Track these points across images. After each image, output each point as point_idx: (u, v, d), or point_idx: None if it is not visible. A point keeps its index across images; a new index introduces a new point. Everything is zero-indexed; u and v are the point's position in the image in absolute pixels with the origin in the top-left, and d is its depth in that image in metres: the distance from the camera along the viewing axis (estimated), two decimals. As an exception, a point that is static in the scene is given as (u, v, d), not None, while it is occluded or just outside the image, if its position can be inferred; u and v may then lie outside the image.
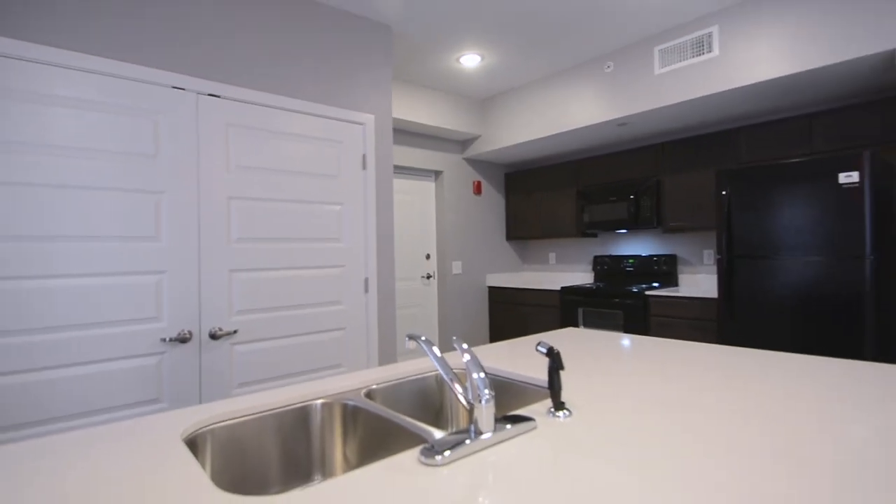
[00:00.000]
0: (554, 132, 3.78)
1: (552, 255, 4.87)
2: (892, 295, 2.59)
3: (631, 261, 4.08)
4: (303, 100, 2.42)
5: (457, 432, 0.83)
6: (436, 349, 0.97)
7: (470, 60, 3.50)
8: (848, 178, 2.44)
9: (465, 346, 0.92)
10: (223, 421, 0.99)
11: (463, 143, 4.61)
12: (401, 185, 4.30)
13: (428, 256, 4.47)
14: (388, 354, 2.75)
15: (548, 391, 1.16)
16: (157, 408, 1.88)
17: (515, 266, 5.11)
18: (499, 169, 4.99)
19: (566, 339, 1.73)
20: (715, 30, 2.88)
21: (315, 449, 1.10)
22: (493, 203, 4.92)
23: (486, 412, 0.82)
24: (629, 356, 1.44)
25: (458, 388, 0.92)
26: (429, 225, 4.50)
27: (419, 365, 1.38)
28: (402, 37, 3.12)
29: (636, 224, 3.78)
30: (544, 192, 4.58)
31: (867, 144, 2.78)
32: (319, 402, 1.11)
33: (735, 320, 2.86)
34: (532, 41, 3.23)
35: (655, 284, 3.82)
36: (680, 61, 3.04)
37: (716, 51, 2.87)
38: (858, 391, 1.06)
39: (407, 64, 3.55)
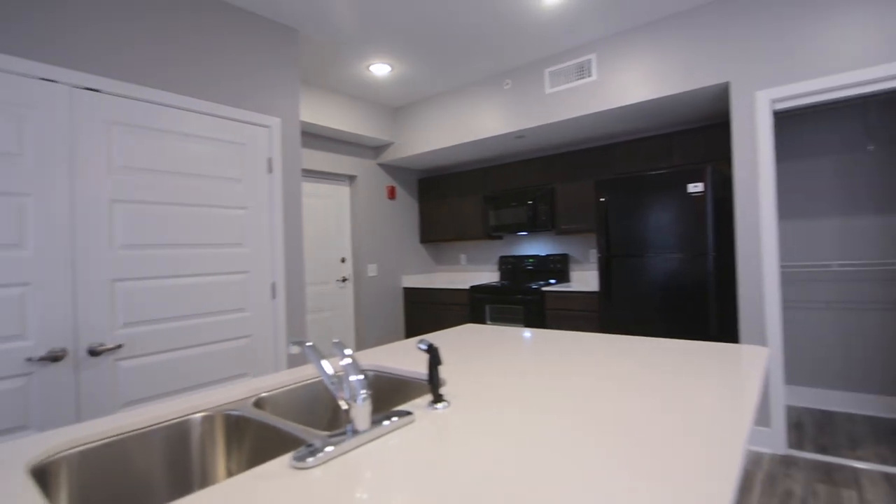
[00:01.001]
0: (462, 141, 3.88)
1: (463, 257, 4.98)
2: (728, 285, 2.99)
3: (531, 260, 4.30)
4: (201, 99, 2.24)
5: (333, 434, 0.81)
6: (325, 362, 0.94)
7: (380, 69, 3.47)
8: (695, 188, 2.78)
9: (347, 350, 0.90)
10: (82, 445, 0.88)
11: (377, 149, 4.56)
12: (315, 189, 4.15)
13: (343, 260, 4.36)
14: (298, 360, 2.63)
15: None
16: (22, 436, 1.63)
17: (429, 267, 5.16)
18: (412, 174, 5.01)
19: (464, 335, 1.77)
20: (594, 57, 3.13)
21: (195, 466, 1.02)
22: (408, 207, 4.92)
23: (362, 411, 0.82)
24: (515, 348, 1.52)
25: (336, 387, 0.90)
26: (344, 228, 4.39)
27: (314, 370, 1.34)
28: (310, 41, 3.02)
29: (534, 227, 3.99)
30: (455, 197, 4.68)
31: (712, 160, 3.19)
32: (199, 415, 1.03)
33: (612, 309, 3.13)
34: (438, 56, 3.29)
35: (552, 281, 4.07)
36: (566, 83, 3.26)
37: (594, 76, 3.13)
38: (669, 361, 1.21)
39: (319, 69, 3.44)
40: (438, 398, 0.98)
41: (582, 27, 2.94)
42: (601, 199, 3.17)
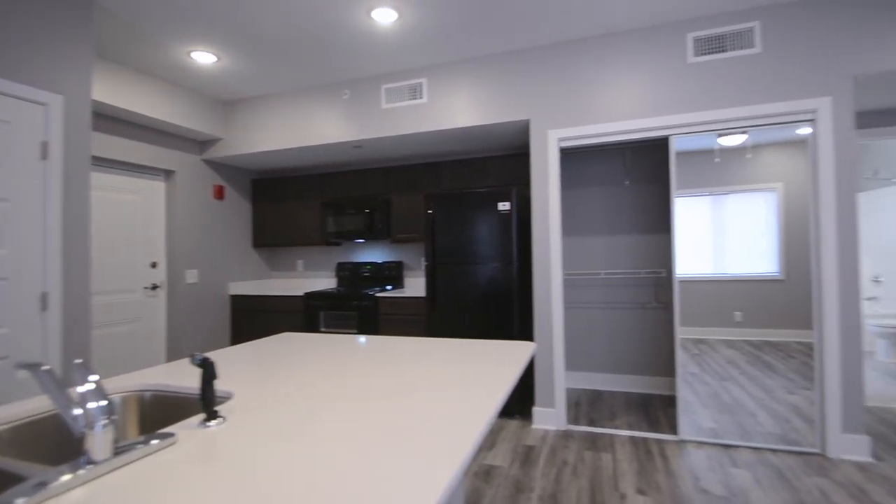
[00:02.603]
0: (300, 145, 3.73)
1: (300, 263, 4.77)
2: (527, 289, 3.49)
3: (368, 267, 4.35)
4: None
5: (62, 467, 0.71)
6: (88, 386, 0.81)
7: (203, 57, 3.13)
8: (503, 206, 3.19)
9: (93, 376, 0.79)
10: None
11: (203, 143, 4.08)
12: (120, 182, 3.51)
13: (154, 265, 3.78)
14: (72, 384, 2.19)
15: (223, 400, 1.12)
16: None
17: (263, 273, 4.80)
18: (245, 175, 4.62)
19: (275, 344, 1.71)
20: (425, 81, 3.34)
21: None
22: (238, 209, 4.51)
23: (100, 439, 0.73)
24: (323, 355, 1.52)
25: (72, 415, 0.79)
26: (157, 230, 3.81)
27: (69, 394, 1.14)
28: (111, 14, 2.57)
29: (371, 235, 4.06)
30: (292, 202, 4.46)
31: (518, 183, 3.69)
32: None
33: (436, 313, 3.37)
34: (272, 56, 3.12)
35: (388, 287, 4.18)
36: (400, 101, 3.41)
37: (425, 98, 3.34)
38: (455, 359, 1.38)
39: (130, 47, 2.94)
40: (212, 415, 0.93)
41: (414, 51, 3.12)
42: (429, 212, 3.39)
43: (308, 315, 3.97)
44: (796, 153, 2.65)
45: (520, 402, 3.25)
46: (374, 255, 4.48)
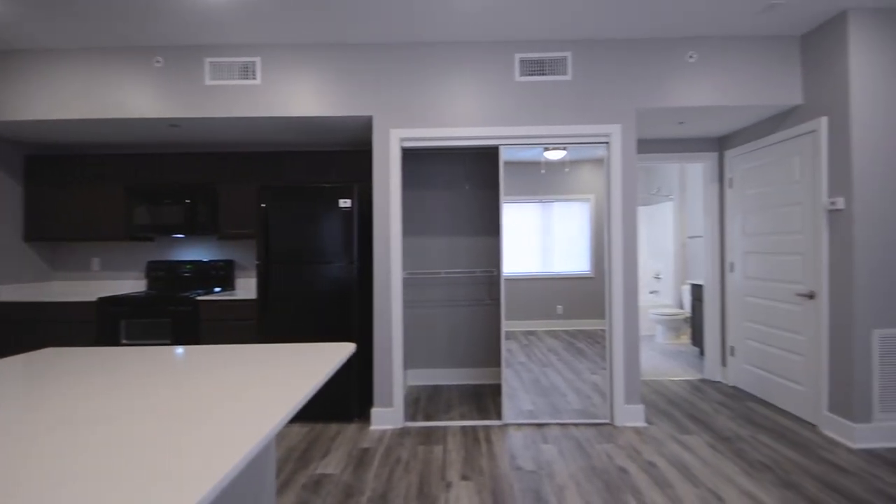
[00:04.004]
0: (96, 116, 3.09)
1: (96, 261, 3.97)
2: (368, 289, 3.49)
3: (189, 266, 3.84)
4: None
5: None
6: None
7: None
8: (345, 203, 3.13)
9: None
10: None
11: (-62, 100, 3.10)
12: None
13: None
14: None
15: None
16: None
17: (40, 274, 3.86)
18: (15, 149, 3.65)
19: (23, 365, 1.36)
20: (258, 60, 3.08)
21: None
22: (4, 192, 3.55)
23: None
24: (93, 374, 1.27)
25: None
26: None
27: None
28: None
29: (194, 229, 3.58)
30: (85, 186, 3.68)
31: (362, 180, 3.67)
32: None
33: (269, 317, 3.13)
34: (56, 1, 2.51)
35: (217, 289, 3.74)
36: (229, 79, 3.09)
37: (259, 80, 3.08)
38: (270, 363, 1.30)
39: None
40: None
41: (245, 26, 2.85)
42: (262, 205, 3.14)
43: (104, 325, 3.32)
44: (602, 170, 3.17)
45: (360, 404, 3.23)
46: (197, 252, 3.97)
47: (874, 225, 2.67)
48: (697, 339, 4.90)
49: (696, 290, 4.88)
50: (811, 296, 2.96)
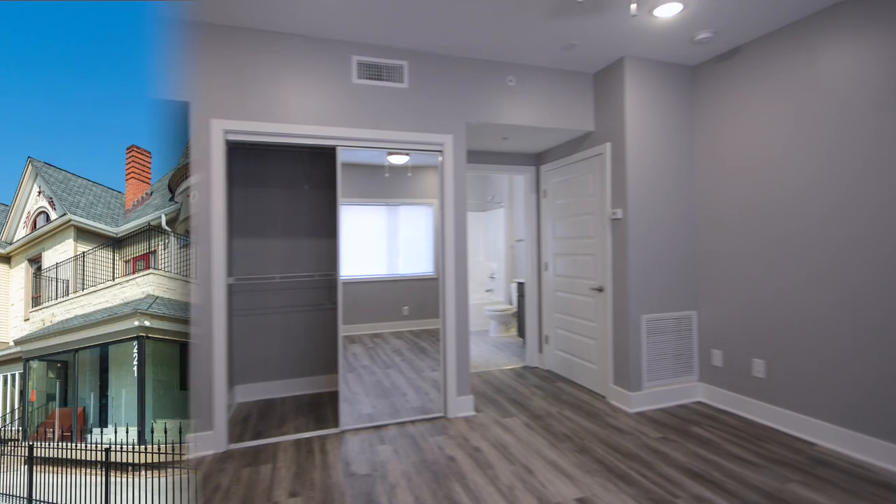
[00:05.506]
0: None
1: None
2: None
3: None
4: None
5: None
6: None
7: None
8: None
9: None
10: None
11: None
12: None
13: None
14: None
15: None
16: None
17: None
18: None
19: None
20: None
21: None
22: None
23: None
24: None
25: None
26: None
27: None
28: None
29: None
30: None
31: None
32: None
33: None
34: None
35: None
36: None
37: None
38: None
39: None
40: None
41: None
42: (29, 199, 2.52)
43: None
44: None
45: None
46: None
47: (642, 231, 3.38)
48: (521, 330, 5.56)
49: (521, 288, 5.53)
50: (601, 289, 3.62)
